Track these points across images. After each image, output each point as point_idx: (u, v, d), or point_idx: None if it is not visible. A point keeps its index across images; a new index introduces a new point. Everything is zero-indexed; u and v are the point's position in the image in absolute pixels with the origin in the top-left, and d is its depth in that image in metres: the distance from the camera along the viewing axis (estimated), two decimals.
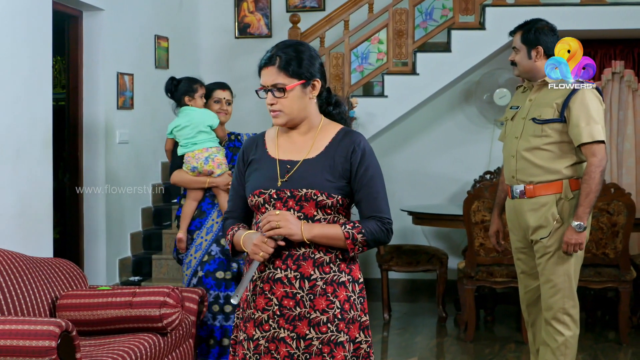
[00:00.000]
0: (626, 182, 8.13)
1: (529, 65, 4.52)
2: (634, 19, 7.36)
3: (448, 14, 7.71)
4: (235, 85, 8.98)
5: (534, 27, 4.52)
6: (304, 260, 2.88)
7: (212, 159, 5.02)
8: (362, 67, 7.70)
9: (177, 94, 5.11)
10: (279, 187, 2.91)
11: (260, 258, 2.85)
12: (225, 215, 3.15)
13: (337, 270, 2.91)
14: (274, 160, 2.98)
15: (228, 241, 3.05)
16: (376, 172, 2.96)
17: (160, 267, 7.21)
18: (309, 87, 2.96)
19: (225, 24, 9.08)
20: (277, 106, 2.93)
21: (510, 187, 4.59)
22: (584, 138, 4.26)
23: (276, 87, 2.91)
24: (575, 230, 4.28)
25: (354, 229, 2.87)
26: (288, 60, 2.91)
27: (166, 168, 8.09)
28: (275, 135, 3.07)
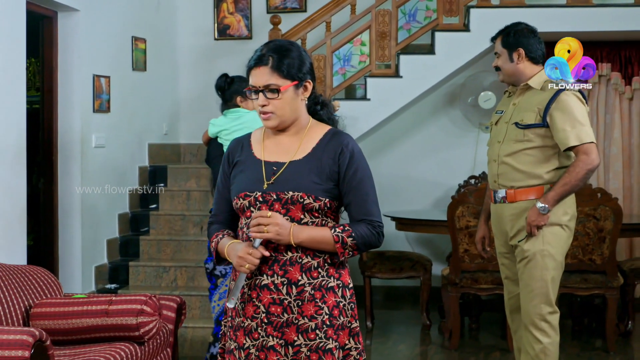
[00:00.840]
0: (613, 186, 8.18)
1: (512, 68, 4.57)
2: (620, 20, 7.41)
3: (432, 15, 7.74)
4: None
5: (512, 30, 4.59)
6: (290, 266, 2.86)
7: None
8: (344, 70, 7.72)
9: (228, 93, 4.94)
10: (264, 189, 2.89)
11: (246, 270, 2.82)
12: (210, 219, 3.13)
13: (325, 275, 2.89)
14: (259, 161, 2.96)
15: (213, 248, 3.03)
16: (365, 174, 2.94)
17: (138, 275, 7.20)
18: (301, 88, 2.94)
19: (204, 25, 9.08)
20: (269, 108, 2.89)
21: (493, 192, 4.63)
22: (571, 141, 4.29)
23: (269, 88, 2.88)
24: (538, 211, 4.32)
25: (344, 232, 2.85)
26: (281, 60, 2.88)
27: (143, 173, 8.09)
28: (261, 137, 3.05)
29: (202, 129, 9.02)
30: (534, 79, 4.53)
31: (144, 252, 7.48)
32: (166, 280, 7.14)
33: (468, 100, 8.37)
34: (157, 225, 7.65)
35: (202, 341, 6.54)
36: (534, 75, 4.54)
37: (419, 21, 7.78)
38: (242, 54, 8.57)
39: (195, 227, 7.56)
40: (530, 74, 4.54)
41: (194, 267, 7.09)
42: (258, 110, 2.93)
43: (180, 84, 9.08)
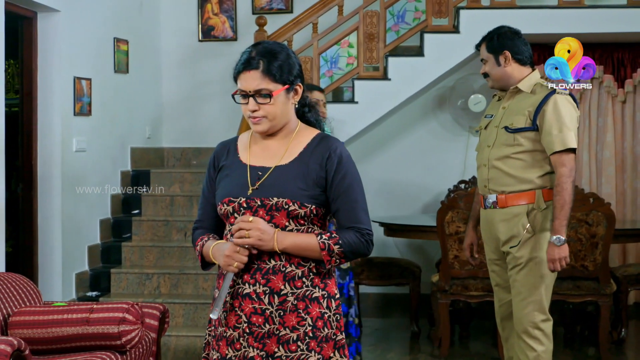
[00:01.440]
0: (606, 191, 8.20)
1: (500, 72, 4.58)
2: (613, 22, 7.44)
3: (421, 16, 7.74)
4: (199, 90, 9.05)
5: (496, 34, 4.62)
6: (273, 275, 2.83)
7: None
8: (331, 72, 7.72)
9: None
10: (248, 195, 2.86)
11: (234, 269, 2.80)
12: (195, 225, 3.11)
13: (310, 285, 2.86)
14: (245, 166, 2.95)
15: (197, 252, 3.00)
16: (354, 179, 2.92)
17: (120, 282, 7.18)
18: (292, 92, 2.93)
19: (188, 26, 9.07)
20: (260, 112, 2.86)
21: (483, 197, 4.63)
22: (556, 146, 4.31)
23: (260, 93, 2.85)
24: (554, 245, 4.31)
25: (331, 239, 2.82)
26: (272, 64, 2.85)
27: (126, 177, 8.06)
28: (248, 141, 3.03)
29: (186, 133, 9.07)
30: (523, 82, 4.54)
31: (126, 258, 7.45)
32: (149, 288, 7.12)
33: (458, 103, 8.39)
34: (140, 231, 7.62)
35: (186, 350, 6.52)
36: (524, 78, 4.55)
37: (407, 22, 7.79)
38: (227, 56, 8.67)
39: (179, 233, 7.55)
40: (519, 77, 4.56)
41: (178, 274, 7.07)
42: (247, 115, 2.90)
43: (164, 87, 9.06)
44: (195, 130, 9.04)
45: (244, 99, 2.88)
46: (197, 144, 8.94)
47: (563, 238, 4.29)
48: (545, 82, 4.51)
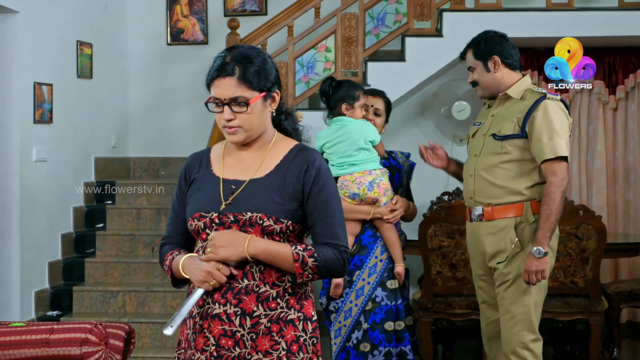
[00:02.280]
0: (596, 203, 8.23)
1: (490, 79, 4.58)
2: (604, 25, 7.47)
3: (402, 19, 7.76)
4: (167, 97, 9.02)
5: (482, 39, 4.62)
6: (246, 294, 2.80)
7: (378, 183, 4.59)
8: (307, 78, 7.72)
9: (333, 99, 4.69)
10: (221, 210, 2.84)
11: (209, 287, 2.77)
12: (162, 241, 3.08)
13: (285, 307, 2.84)
14: (217, 179, 2.93)
15: (167, 268, 2.97)
16: (332, 193, 2.91)
17: (82, 300, 7.13)
18: (269, 99, 2.91)
19: (156, 29, 9.05)
20: (235, 122, 2.84)
21: (469, 210, 4.62)
22: (546, 154, 4.30)
23: (236, 101, 2.82)
24: (534, 256, 4.28)
25: (305, 251, 2.80)
26: (249, 70, 2.83)
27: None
28: (222, 152, 3.01)
29: (154, 142, 9.04)
30: (513, 87, 4.54)
31: (89, 275, 7.40)
32: (114, 306, 7.07)
33: (441, 111, 8.40)
34: (104, 246, 7.58)
35: None
36: (514, 84, 4.55)
37: (388, 26, 7.80)
38: (198, 60, 8.66)
39: (146, 248, 7.51)
40: (509, 82, 4.55)
41: (145, 292, 7.03)
42: (222, 124, 2.87)
43: (130, 93, 9.04)
44: (163, 139, 9.02)
45: (218, 108, 2.85)
46: (166, 153, 8.92)
47: (544, 250, 4.27)
48: (536, 88, 4.51)
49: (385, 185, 4.59)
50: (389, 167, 4.80)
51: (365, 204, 4.59)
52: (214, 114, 2.89)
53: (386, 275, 4.61)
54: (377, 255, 4.64)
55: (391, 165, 4.84)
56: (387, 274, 4.61)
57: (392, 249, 4.61)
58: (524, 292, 4.41)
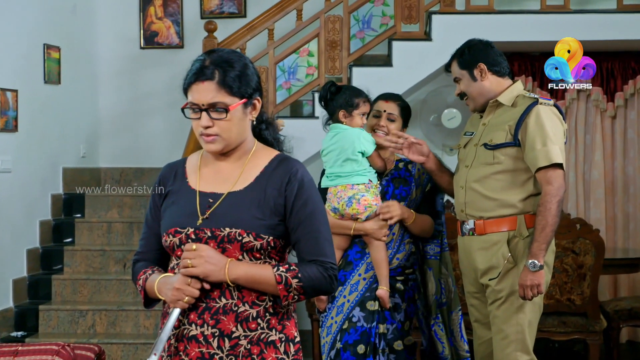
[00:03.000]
0: (594, 216, 8.23)
1: (478, 88, 4.57)
2: (602, 28, 7.46)
3: (389, 22, 7.76)
4: (141, 103, 9.00)
5: (466, 48, 4.63)
6: (224, 315, 2.78)
7: (358, 199, 4.48)
8: (289, 84, 7.71)
9: (332, 105, 4.61)
10: (198, 225, 2.82)
11: (184, 304, 2.75)
12: (135, 257, 3.06)
13: (265, 327, 2.82)
14: (193, 192, 2.90)
15: (139, 287, 2.95)
16: (317, 207, 2.89)
17: (49, 320, 7.10)
18: (250, 106, 2.88)
19: (129, 31, 9.03)
20: (213, 129, 2.81)
21: (460, 224, 4.62)
22: (540, 161, 4.28)
23: (215, 107, 2.79)
24: (529, 270, 4.26)
25: (289, 272, 2.78)
26: (229, 74, 2.80)
27: (57, 201, 7.99)
28: (198, 163, 2.99)
29: (126, 151, 9.01)
30: (504, 94, 4.53)
31: (56, 293, 7.37)
32: (83, 327, 7.04)
33: (430, 119, 8.41)
34: (73, 262, 7.55)
35: None
36: (504, 91, 4.54)
37: (374, 29, 7.81)
38: (173, 65, 8.65)
39: (117, 264, 7.49)
40: (498, 90, 4.55)
41: (116, 311, 7.00)
42: (199, 132, 2.85)
43: (101, 99, 9.01)
44: (136, 149, 8.99)
45: (196, 114, 2.83)
46: (139, 163, 8.89)
47: (539, 264, 4.25)
48: (528, 93, 4.51)
49: (367, 202, 4.47)
50: (397, 180, 4.71)
51: (348, 219, 4.52)
52: (191, 121, 2.87)
53: (368, 295, 4.52)
54: (361, 272, 4.57)
55: (399, 177, 4.73)
56: (369, 293, 4.52)
57: (377, 269, 4.51)
58: (518, 310, 4.39)
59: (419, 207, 4.69)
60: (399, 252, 4.62)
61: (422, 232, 4.68)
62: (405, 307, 4.62)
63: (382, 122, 4.71)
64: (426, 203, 4.76)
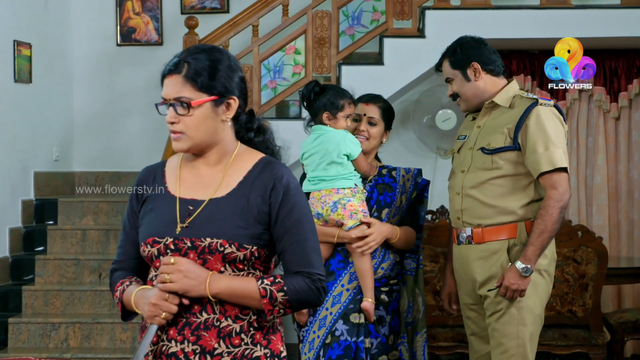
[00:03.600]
0: (597, 223, 8.23)
1: (471, 88, 4.56)
2: (605, 25, 7.47)
3: (380, 18, 7.76)
4: (117, 104, 8.98)
5: (458, 46, 4.61)
6: (205, 330, 2.75)
7: (344, 205, 4.45)
8: (274, 83, 7.70)
9: (315, 106, 4.57)
10: (177, 234, 2.79)
11: (161, 321, 2.72)
12: (113, 266, 3.03)
13: (250, 343, 2.79)
14: (173, 198, 2.88)
15: (117, 299, 2.92)
16: (304, 214, 2.87)
17: (19, 334, 7.06)
18: (222, 105, 2.85)
19: (105, 28, 9.01)
20: (178, 126, 2.80)
21: (457, 232, 4.59)
22: (543, 166, 4.27)
23: (179, 101, 2.78)
24: (519, 273, 4.26)
25: (274, 284, 2.75)
26: (198, 68, 2.79)
27: (28, 208, 7.96)
28: (177, 166, 2.97)
29: (102, 154, 8.97)
30: (500, 95, 4.52)
31: (27, 305, 7.34)
32: (55, 341, 7.01)
33: (424, 120, 8.40)
34: (45, 272, 7.52)
35: None
36: (500, 91, 4.53)
37: (364, 25, 7.80)
38: (151, 63, 8.62)
39: (92, 274, 7.46)
40: (493, 90, 4.53)
41: (90, 324, 6.98)
42: (168, 128, 2.84)
43: (75, 99, 8.98)
44: (112, 152, 8.97)
45: (167, 110, 2.84)
46: (115, 167, 8.88)
47: (531, 269, 4.26)
48: (525, 93, 4.50)
49: (353, 208, 4.44)
50: (381, 186, 4.69)
51: (331, 226, 4.49)
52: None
53: (351, 307, 4.48)
54: (344, 283, 4.53)
55: (383, 183, 4.71)
56: (352, 305, 4.48)
57: (362, 279, 4.47)
58: (518, 322, 4.38)
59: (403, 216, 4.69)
60: (384, 262, 4.59)
61: (406, 246, 4.67)
62: (390, 320, 4.60)
63: (363, 126, 4.69)
64: (409, 214, 4.75)
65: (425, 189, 4.81)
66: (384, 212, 4.64)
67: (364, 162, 4.58)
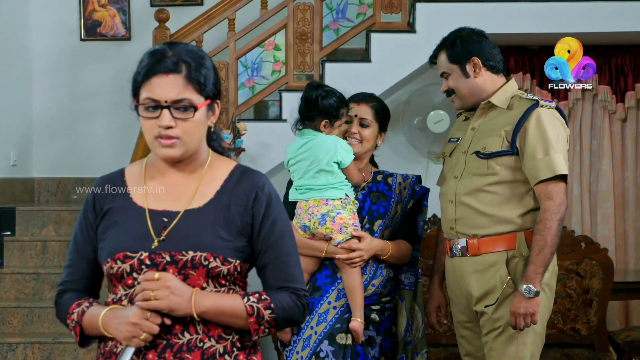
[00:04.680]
0: (602, 234, 8.24)
1: (469, 85, 4.52)
2: (610, 19, 7.48)
3: (367, 11, 7.77)
4: (81, 104, 8.97)
5: (457, 38, 4.56)
6: (188, 352, 2.73)
7: (332, 217, 4.42)
8: (252, 82, 7.71)
9: (315, 110, 4.52)
10: (153, 248, 2.77)
11: (141, 342, 2.69)
12: (61, 287, 2.98)
13: None
14: (141, 210, 2.85)
15: (73, 322, 2.86)
16: (285, 226, 2.89)
17: None
18: (211, 110, 2.86)
19: (67, 21, 9.00)
20: (176, 131, 2.76)
21: (449, 243, 4.57)
22: (542, 173, 4.26)
23: (179, 104, 2.74)
24: (523, 296, 4.24)
25: (260, 302, 2.77)
26: (198, 69, 2.78)
27: None
28: (142, 174, 2.95)
29: (64, 158, 8.96)
30: (497, 94, 4.49)
31: None
32: None
33: (414, 122, 8.42)
34: (1, 288, 7.50)
35: None
36: (497, 91, 4.50)
37: (349, 19, 7.81)
38: (118, 60, 8.63)
39: (54, 289, 7.44)
40: (492, 89, 4.50)
41: (51, 344, 6.96)
42: (154, 134, 2.78)
43: (35, 99, 8.97)
44: (75, 156, 8.95)
45: (153, 112, 2.77)
46: (78, 173, 8.86)
47: (535, 289, 4.23)
48: (524, 94, 4.49)
49: (343, 221, 4.40)
50: (375, 194, 4.67)
51: (319, 239, 4.47)
52: (142, 123, 2.81)
53: (338, 326, 4.45)
54: (331, 300, 4.49)
55: (377, 191, 4.68)
56: (339, 325, 4.45)
57: (351, 297, 4.43)
58: (518, 342, 4.36)
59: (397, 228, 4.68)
60: (375, 278, 4.56)
61: (399, 261, 4.65)
62: (381, 341, 4.57)
63: (354, 128, 4.67)
64: (405, 224, 4.73)
65: (424, 197, 4.79)
66: (377, 223, 4.61)
67: (355, 172, 4.56)
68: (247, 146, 7.24)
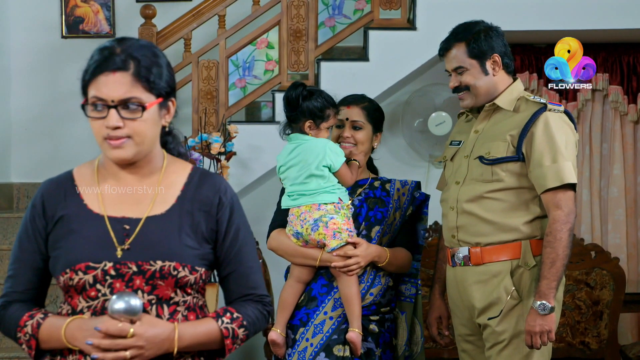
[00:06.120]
0: (613, 242, 8.22)
1: (487, 83, 4.49)
2: (622, 15, 7.47)
3: (364, 7, 7.78)
4: (62, 104, 8.97)
5: (481, 32, 4.50)
6: None
7: (325, 223, 4.42)
8: (244, 82, 7.71)
9: (298, 112, 4.55)
10: (118, 258, 2.78)
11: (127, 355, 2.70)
12: (4, 299, 2.94)
13: None
14: (99, 217, 2.85)
15: (27, 336, 2.84)
16: (246, 233, 2.95)
17: None
18: (165, 109, 2.87)
19: (48, 17, 9.00)
20: (125, 131, 2.77)
21: (451, 252, 4.58)
22: (549, 181, 4.26)
23: (127, 102, 2.75)
24: (538, 313, 4.23)
25: (233, 322, 2.83)
26: (147, 66, 2.79)
27: None
28: (94, 178, 2.96)
29: (44, 163, 8.96)
30: (502, 96, 4.48)
31: None
32: None
33: (414, 124, 8.43)
34: None
35: None
36: (503, 92, 4.50)
37: (346, 15, 7.83)
38: None
39: None
40: (502, 89, 4.50)
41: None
42: (103, 135, 2.81)
43: (13, 100, 8.97)
44: (57, 160, 8.92)
45: (101, 112, 2.80)
46: None
47: (550, 305, 4.21)
48: (531, 96, 4.48)
49: (337, 226, 4.41)
50: (372, 200, 4.69)
51: (313, 247, 4.48)
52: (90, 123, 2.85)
53: (335, 337, 4.46)
54: (327, 310, 4.50)
55: (374, 197, 4.71)
56: (336, 336, 4.46)
57: (348, 307, 4.44)
58: (523, 355, 4.37)
59: (396, 236, 4.71)
60: (373, 286, 4.58)
61: (399, 269, 4.67)
62: (380, 353, 4.58)
63: (347, 132, 4.69)
64: (405, 232, 4.75)
65: (424, 204, 4.82)
66: (374, 230, 4.64)
67: (347, 174, 4.56)
68: (238, 149, 7.22)
